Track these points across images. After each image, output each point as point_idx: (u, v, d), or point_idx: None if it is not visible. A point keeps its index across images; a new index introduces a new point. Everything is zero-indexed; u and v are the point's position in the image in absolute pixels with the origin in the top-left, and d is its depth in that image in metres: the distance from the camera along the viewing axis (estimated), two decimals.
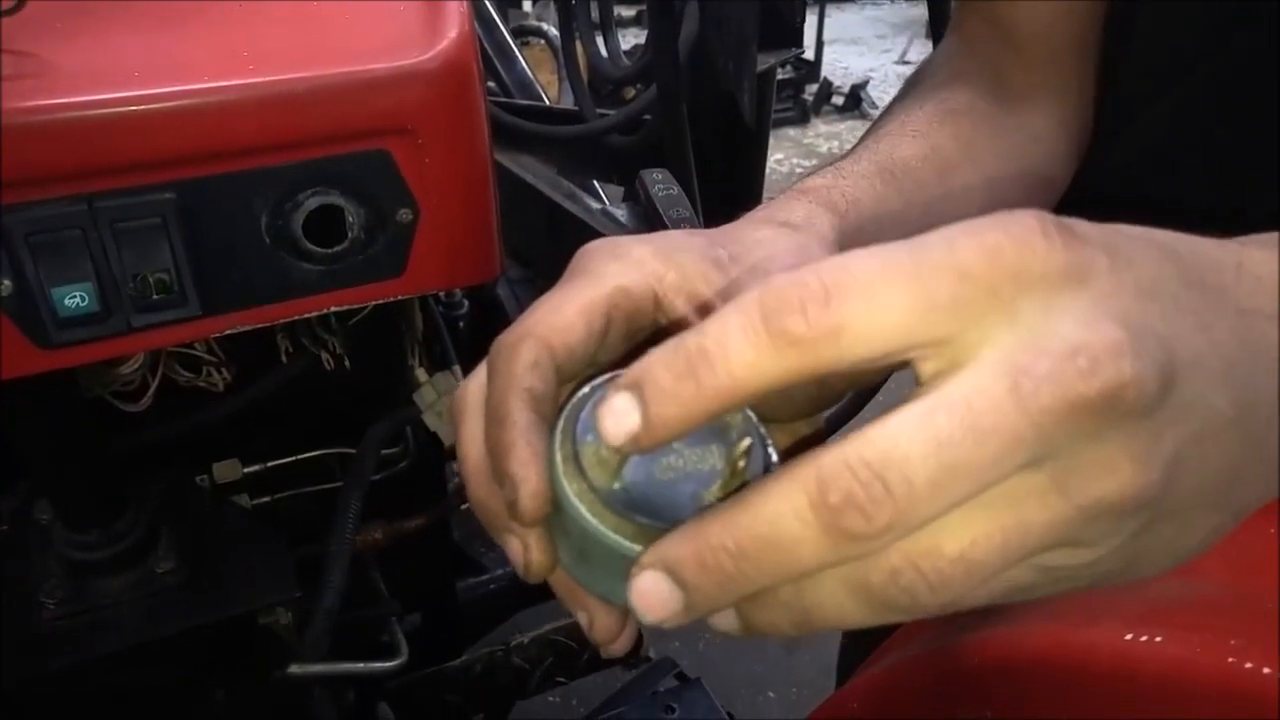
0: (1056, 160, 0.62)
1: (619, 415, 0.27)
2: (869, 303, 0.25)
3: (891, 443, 0.24)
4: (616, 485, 0.32)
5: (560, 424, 0.33)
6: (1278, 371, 0.28)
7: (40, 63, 0.55)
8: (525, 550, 0.34)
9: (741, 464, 0.31)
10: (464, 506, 1.21)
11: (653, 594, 0.28)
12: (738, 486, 0.31)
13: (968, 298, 0.25)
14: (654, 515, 0.31)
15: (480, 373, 0.37)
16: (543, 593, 1.26)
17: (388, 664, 0.94)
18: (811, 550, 0.25)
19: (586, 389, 0.34)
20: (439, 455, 1.06)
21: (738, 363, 0.25)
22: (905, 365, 0.26)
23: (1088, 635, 0.37)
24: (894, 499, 0.24)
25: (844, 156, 0.55)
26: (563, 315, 0.35)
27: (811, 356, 0.25)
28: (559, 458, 0.32)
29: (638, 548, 0.30)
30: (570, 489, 0.32)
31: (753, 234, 0.43)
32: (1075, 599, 0.40)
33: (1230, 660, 0.33)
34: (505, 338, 0.35)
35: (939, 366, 0.25)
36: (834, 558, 0.25)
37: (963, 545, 0.25)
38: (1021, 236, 0.25)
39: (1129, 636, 0.36)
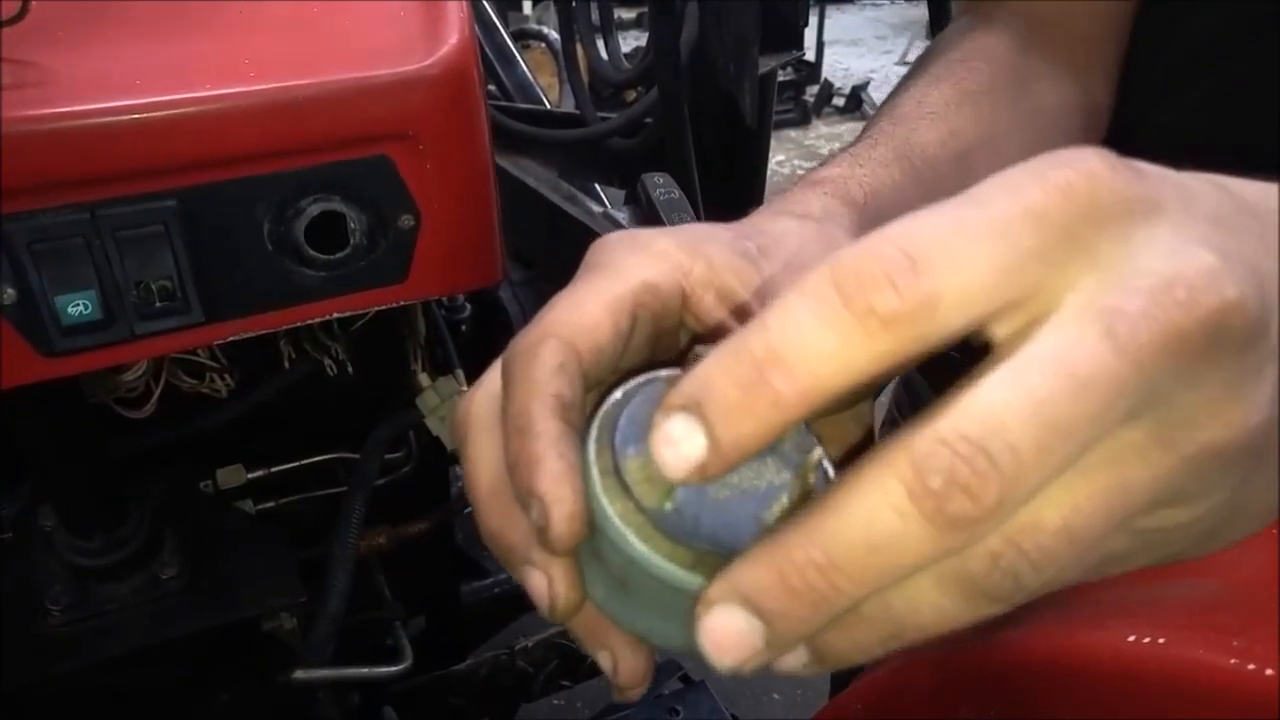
0: (1074, 143, 0.61)
1: (678, 443, 0.23)
2: (957, 265, 0.22)
3: (986, 409, 0.21)
4: (669, 506, 0.27)
5: (594, 433, 0.29)
6: None
7: (42, 71, 0.55)
8: (551, 584, 0.29)
9: (812, 479, 0.27)
10: (467, 510, 1.21)
11: (728, 632, 0.24)
12: (803, 503, 0.27)
13: (1050, 242, 0.22)
14: (713, 541, 0.27)
15: (487, 383, 0.33)
16: None
17: (392, 668, 0.94)
18: (914, 547, 0.22)
19: (619, 394, 0.30)
20: (442, 459, 1.06)
21: (819, 357, 0.22)
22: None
23: (1090, 637, 0.37)
24: (1000, 472, 0.21)
25: (860, 140, 0.52)
26: (586, 313, 0.31)
27: (908, 335, 0.22)
28: (596, 473, 0.28)
29: (698, 579, 0.26)
30: (613, 510, 0.27)
31: (777, 227, 0.39)
32: (1077, 601, 0.40)
33: (1232, 661, 0.33)
34: (522, 340, 0.31)
35: (1016, 326, 0.23)
36: (938, 553, 0.22)
37: (1065, 514, 0.22)
38: (1089, 170, 0.23)
39: (1131, 638, 0.36)
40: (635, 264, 0.33)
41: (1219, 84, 0.57)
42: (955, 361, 0.24)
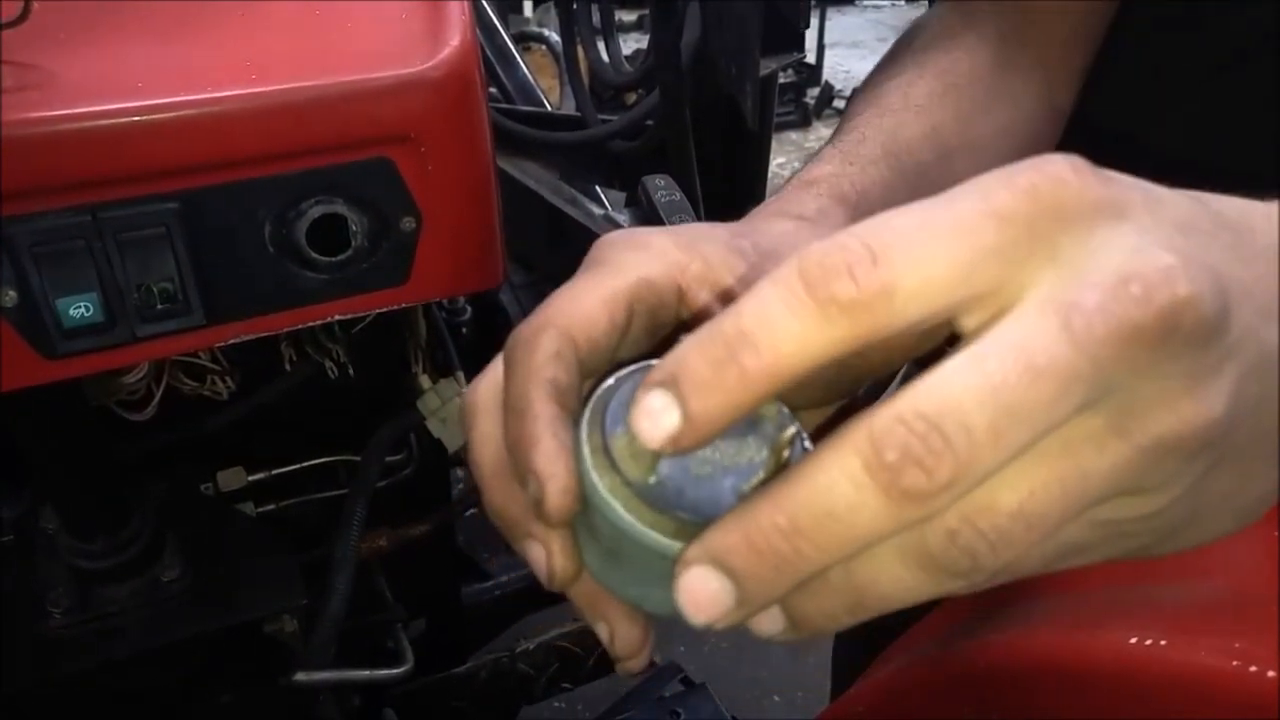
0: (1041, 140, 0.62)
1: (655, 415, 0.25)
2: (916, 258, 0.23)
3: (944, 391, 0.23)
4: (652, 479, 0.29)
5: (587, 415, 0.31)
6: None
7: (43, 73, 0.56)
8: (549, 556, 0.32)
9: (786, 454, 0.29)
10: (469, 513, 1.21)
11: (701, 591, 0.26)
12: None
13: (1010, 240, 0.24)
14: (694, 511, 0.29)
15: (491, 371, 0.35)
16: (548, 598, 1.27)
17: (393, 670, 0.94)
18: (870, 517, 0.23)
19: (612, 380, 0.32)
20: (443, 461, 1.06)
21: (783, 339, 0.24)
22: (946, 333, 0.25)
23: (1091, 639, 0.37)
24: (954, 450, 0.23)
25: (847, 133, 0.53)
26: (584, 306, 0.33)
27: (864, 322, 0.23)
28: (587, 451, 0.30)
29: (679, 545, 0.28)
30: (602, 484, 0.29)
31: (774, 227, 0.41)
32: (1078, 602, 0.40)
33: (1234, 664, 0.33)
34: (522, 329, 0.33)
35: (981, 319, 0.24)
36: (893, 524, 0.24)
37: (1020, 498, 0.24)
38: (1054, 174, 0.24)
39: (1133, 640, 0.36)
40: (633, 261, 0.35)
41: (1217, 103, 0.58)
42: None
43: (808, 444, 0.31)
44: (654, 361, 0.32)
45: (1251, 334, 0.25)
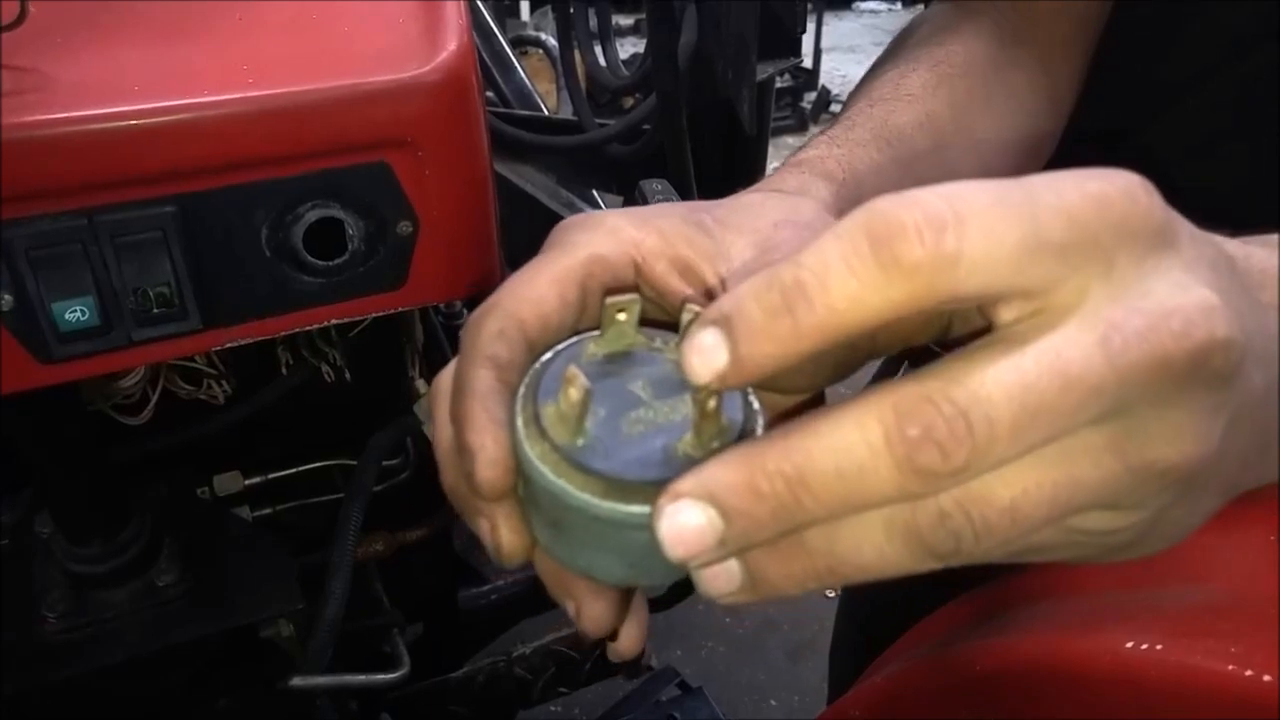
0: (1042, 133, 0.62)
1: (706, 352, 0.25)
2: (987, 231, 0.23)
3: (978, 381, 0.23)
4: (580, 441, 0.29)
5: (521, 390, 0.31)
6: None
7: (40, 77, 0.55)
8: (494, 530, 0.32)
9: (712, 405, 0.29)
10: None
11: (688, 524, 0.25)
12: (713, 434, 0.29)
13: (1074, 243, 0.24)
14: (625, 469, 0.29)
15: (455, 360, 0.35)
16: (545, 603, 1.26)
17: (390, 675, 0.94)
18: (877, 483, 0.24)
19: (549, 354, 0.33)
20: None
21: (839, 295, 0.24)
22: (980, 318, 0.26)
23: (1089, 642, 0.37)
24: (974, 439, 0.23)
25: (838, 123, 0.53)
26: (533, 287, 0.34)
27: (925, 287, 0.23)
28: (520, 422, 0.30)
29: (608, 504, 0.28)
30: (532, 452, 0.29)
31: (741, 200, 0.41)
32: (1076, 606, 0.40)
33: (1231, 667, 0.33)
34: (474, 313, 0.34)
35: (1022, 313, 0.25)
36: (897, 494, 0.24)
37: (1014, 494, 0.24)
38: (1127, 189, 0.24)
39: (1130, 644, 0.36)
40: (585, 240, 0.36)
41: (1213, 102, 0.58)
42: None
43: (754, 400, 0.31)
44: (589, 334, 0.33)
45: (1246, 379, 0.26)
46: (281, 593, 0.84)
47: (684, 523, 0.26)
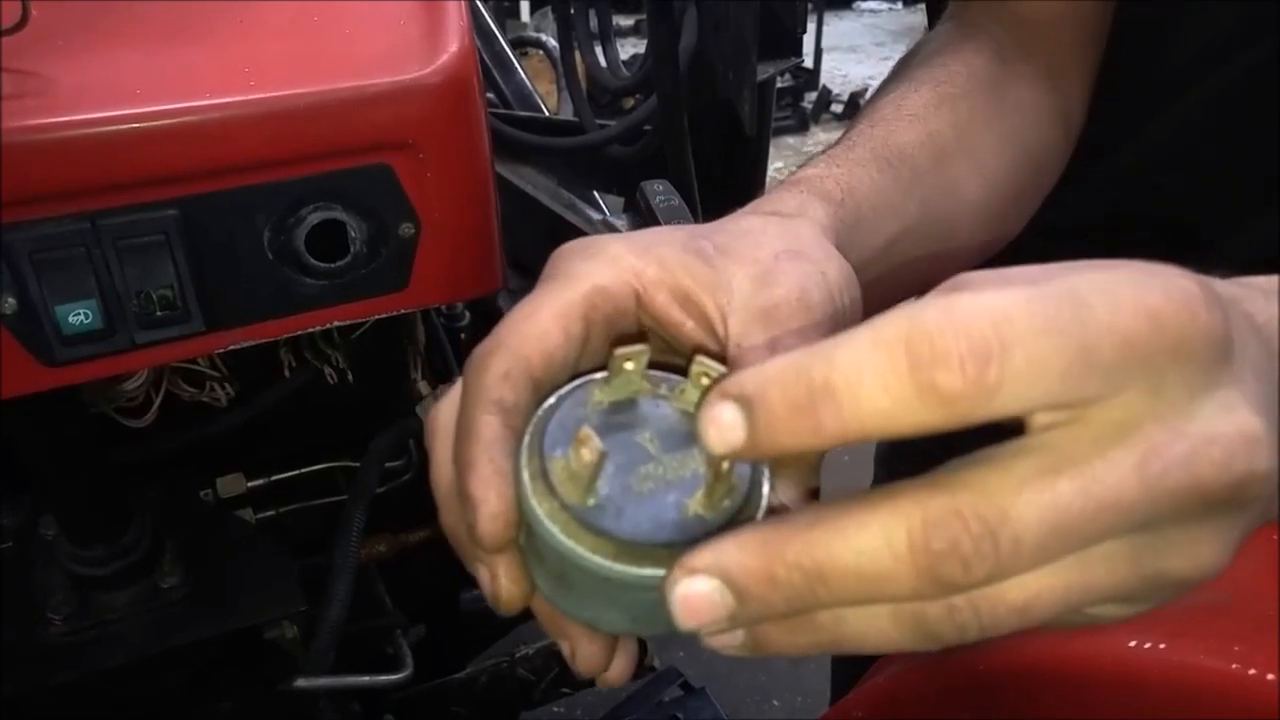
0: (1049, 149, 0.61)
1: (725, 428, 0.25)
2: (1031, 363, 0.22)
3: (1010, 500, 0.23)
4: (591, 501, 0.29)
5: (527, 439, 0.31)
6: None
7: (42, 81, 0.56)
8: (494, 580, 0.32)
9: (725, 467, 0.29)
10: None
11: (701, 598, 0.26)
12: (725, 493, 0.29)
13: (1122, 365, 0.23)
14: (635, 531, 0.28)
15: (452, 392, 0.35)
16: None
17: (392, 676, 0.94)
18: (894, 587, 0.24)
19: (553, 399, 0.32)
20: None
21: (869, 410, 0.23)
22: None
23: (1090, 643, 0.37)
24: (999, 556, 0.23)
25: (838, 143, 0.53)
26: (537, 323, 0.33)
27: (960, 415, 0.23)
28: (526, 476, 0.30)
29: (620, 567, 0.28)
30: (540, 509, 0.29)
31: (739, 225, 0.41)
32: None
33: (1233, 667, 0.33)
34: (477, 350, 0.33)
35: (1058, 419, 0.24)
36: (910, 596, 0.24)
37: (1027, 597, 0.24)
38: (1186, 304, 0.23)
39: (1131, 644, 0.36)
40: (586, 270, 0.35)
41: (1203, 105, 0.57)
42: None
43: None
44: (592, 377, 0.33)
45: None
46: (284, 594, 0.84)
47: (698, 596, 0.26)
